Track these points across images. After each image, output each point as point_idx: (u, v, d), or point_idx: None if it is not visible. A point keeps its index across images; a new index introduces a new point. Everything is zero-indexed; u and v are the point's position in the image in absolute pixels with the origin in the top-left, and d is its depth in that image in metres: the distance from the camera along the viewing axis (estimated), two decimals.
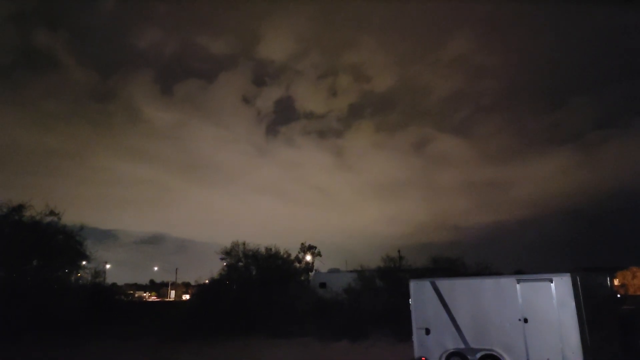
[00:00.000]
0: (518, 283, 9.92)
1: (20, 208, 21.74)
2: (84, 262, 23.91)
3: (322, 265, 30.27)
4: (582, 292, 9.22)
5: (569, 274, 9.26)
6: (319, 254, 31.02)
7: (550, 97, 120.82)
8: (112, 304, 24.26)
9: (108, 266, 39.65)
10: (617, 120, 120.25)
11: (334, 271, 28.37)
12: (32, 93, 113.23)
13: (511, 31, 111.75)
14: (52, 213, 22.29)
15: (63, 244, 22.39)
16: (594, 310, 9.48)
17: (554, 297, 9.31)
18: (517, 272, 19.80)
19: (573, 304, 9.00)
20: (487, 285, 10.60)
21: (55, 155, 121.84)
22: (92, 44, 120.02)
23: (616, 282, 41.58)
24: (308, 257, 30.38)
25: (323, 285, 24.66)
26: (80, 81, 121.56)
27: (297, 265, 27.85)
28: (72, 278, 24.15)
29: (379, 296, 19.45)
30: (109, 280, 36.36)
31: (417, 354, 11.20)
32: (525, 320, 9.60)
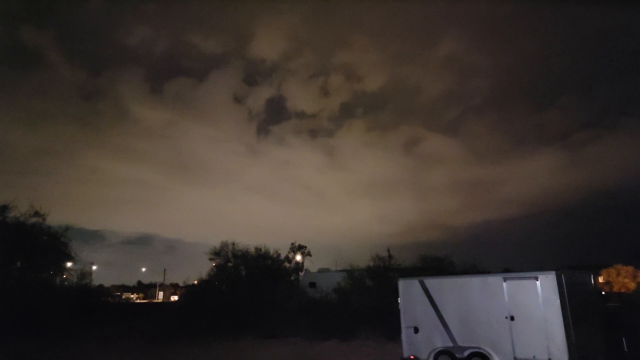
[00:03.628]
0: (504, 281, 10.02)
1: (4, 209, 21.25)
2: (69, 264, 23.53)
3: (312, 265, 30.34)
4: (566, 290, 9.34)
5: (554, 272, 9.39)
6: (309, 254, 31.09)
7: (538, 97, 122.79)
8: (98, 306, 23.88)
9: (94, 267, 38.98)
10: (603, 121, 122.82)
11: (323, 271, 28.37)
12: (18, 91, 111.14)
13: (501, 32, 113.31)
14: (36, 214, 21.85)
15: (48, 245, 21.96)
16: (579, 307, 9.61)
17: (539, 295, 9.43)
18: (505, 270, 20.03)
19: (558, 301, 9.12)
20: (475, 283, 10.69)
21: (42, 155, 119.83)
22: (81, 42, 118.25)
23: (601, 279, 42.30)
24: (298, 257, 30.40)
25: (313, 285, 24.63)
26: (68, 79, 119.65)
27: (287, 265, 27.84)
28: (57, 280, 23.75)
29: (368, 295, 19.50)
30: (96, 281, 35.84)
31: (405, 352, 11.24)
32: (512, 318, 9.70)
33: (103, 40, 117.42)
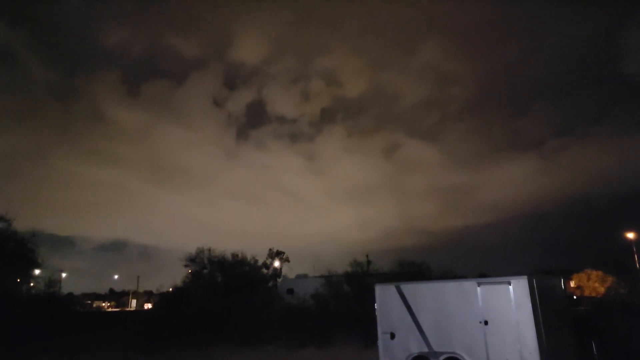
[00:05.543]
0: (479, 286, 10.13)
1: None
2: (36, 271, 22.61)
3: (290, 271, 30.13)
4: (538, 294, 9.51)
5: (526, 277, 9.55)
6: (287, 260, 30.88)
7: (513, 104, 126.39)
8: (67, 315, 22.93)
9: (64, 275, 37.65)
10: (575, 129, 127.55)
11: (301, 277, 28.22)
12: None
13: (477, 40, 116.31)
14: (1, 219, 20.98)
15: (13, 251, 21.05)
16: (550, 311, 9.79)
17: (512, 300, 9.57)
18: (481, 275, 20.32)
19: (530, 305, 9.27)
20: (450, 288, 10.77)
21: (11, 157, 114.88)
22: (55, 41, 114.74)
23: (572, 284, 43.49)
24: (276, 263, 30.13)
25: (290, 291, 24.43)
26: (40, 79, 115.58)
27: (265, 271, 27.53)
28: (24, 288, 22.77)
29: (346, 301, 19.45)
30: (65, 289, 34.55)
31: (382, 358, 11.19)
32: (486, 323, 9.80)
33: (78, 39, 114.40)
